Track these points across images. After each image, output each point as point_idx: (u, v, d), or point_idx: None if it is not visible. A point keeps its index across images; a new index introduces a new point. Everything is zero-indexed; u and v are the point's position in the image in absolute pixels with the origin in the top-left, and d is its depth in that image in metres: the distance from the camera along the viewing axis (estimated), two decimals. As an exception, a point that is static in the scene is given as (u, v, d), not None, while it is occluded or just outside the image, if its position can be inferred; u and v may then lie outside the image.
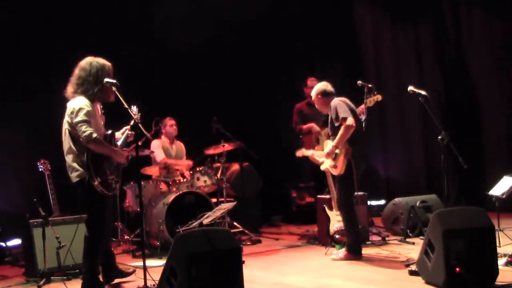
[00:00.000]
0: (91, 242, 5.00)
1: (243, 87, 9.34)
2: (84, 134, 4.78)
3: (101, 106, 5.14)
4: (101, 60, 5.06)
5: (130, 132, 5.21)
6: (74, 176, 4.95)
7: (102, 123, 5.13)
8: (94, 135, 4.79)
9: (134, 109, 5.09)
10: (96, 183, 4.81)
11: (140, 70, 8.09)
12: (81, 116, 4.83)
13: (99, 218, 5.00)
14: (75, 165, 4.94)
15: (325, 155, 6.04)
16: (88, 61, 5.05)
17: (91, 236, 5.00)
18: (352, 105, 6.07)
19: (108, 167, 4.95)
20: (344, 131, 5.80)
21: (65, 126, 5.00)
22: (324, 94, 6.18)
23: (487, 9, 8.72)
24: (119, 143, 5.16)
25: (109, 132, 5.08)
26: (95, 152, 4.86)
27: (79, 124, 4.82)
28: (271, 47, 9.66)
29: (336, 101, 6.03)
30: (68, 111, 4.97)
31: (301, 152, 6.72)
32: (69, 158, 5.00)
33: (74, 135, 4.92)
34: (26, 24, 7.61)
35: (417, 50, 9.43)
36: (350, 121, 5.77)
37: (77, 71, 5.06)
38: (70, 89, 5.04)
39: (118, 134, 5.16)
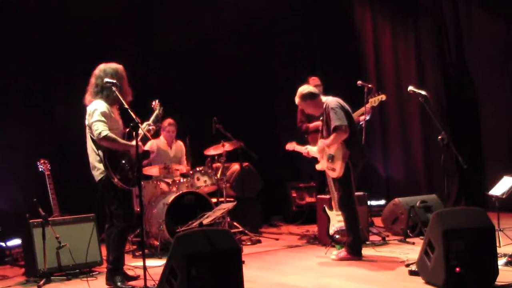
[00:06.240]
0: (119, 233, 5.20)
1: (243, 87, 9.34)
2: (96, 132, 4.99)
3: (118, 107, 5.28)
4: (113, 65, 5.25)
5: (152, 127, 5.38)
6: (96, 175, 5.20)
7: (121, 122, 5.28)
8: (105, 132, 4.98)
9: (153, 103, 5.59)
10: (115, 180, 5.05)
11: (139, 70, 8.10)
12: (95, 117, 5.04)
13: (126, 210, 5.21)
14: (96, 164, 5.17)
15: (318, 151, 6.06)
16: (101, 68, 5.22)
17: (119, 228, 5.19)
18: (346, 106, 6.04)
19: (126, 162, 5.14)
20: (336, 135, 5.81)
21: (87, 129, 5.20)
22: (312, 97, 6.07)
23: (487, 9, 8.72)
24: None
25: (127, 129, 5.19)
26: (111, 150, 5.07)
27: (93, 124, 5.03)
28: (271, 47, 9.66)
29: (330, 104, 5.94)
30: (86, 115, 5.17)
31: (292, 146, 6.67)
32: (91, 158, 5.23)
33: (92, 137, 5.13)
34: (25, 24, 7.60)
35: (417, 50, 9.42)
36: (344, 128, 5.77)
37: (93, 80, 5.24)
38: (88, 97, 5.24)
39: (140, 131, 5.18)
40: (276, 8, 9.58)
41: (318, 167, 6.29)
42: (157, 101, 5.62)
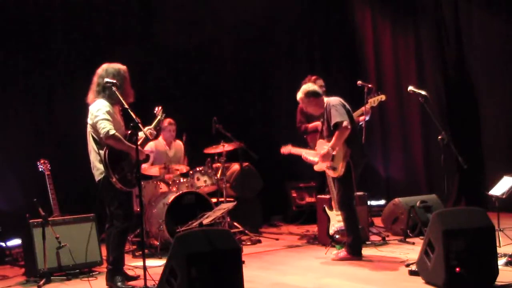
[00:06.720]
0: (119, 233, 5.19)
1: (243, 87, 9.35)
2: (103, 131, 4.98)
3: (120, 109, 5.27)
4: (117, 65, 5.25)
5: (151, 131, 5.36)
6: (97, 174, 5.19)
7: (123, 124, 5.27)
8: (113, 131, 4.99)
9: (156, 109, 5.58)
10: (114, 179, 5.03)
11: (140, 70, 8.09)
12: (100, 115, 5.04)
13: (125, 210, 5.20)
14: (97, 164, 5.16)
15: (321, 158, 5.99)
16: (104, 68, 5.23)
17: (118, 228, 5.18)
18: (348, 106, 6.03)
19: (126, 164, 5.12)
20: (339, 133, 5.79)
21: (88, 129, 5.20)
22: (316, 95, 6.08)
23: (487, 9, 8.72)
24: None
25: (129, 131, 5.18)
26: (113, 150, 5.05)
27: (99, 122, 5.02)
28: (271, 47, 9.66)
29: (331, 102, 5.96)
30: (89, 114, 5.17)
31: (288, 149, 6.65)
32: (92, 158, 5.22)
33: (95, 136, 5.13)
34: (26, 24, 7.61)
35: (417, 50, 9.42)
36: (346, 123, 5.76)
37: (95, 79, 5.24)
38: (91, 96, 5.25)
39: (141, 134, 5.20)
40: (276, 8, 9.58)
41: (316, 168, 6.28)
42: (160, 107, 5.62)
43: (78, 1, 8.01)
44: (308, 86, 6.20)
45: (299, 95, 6.15)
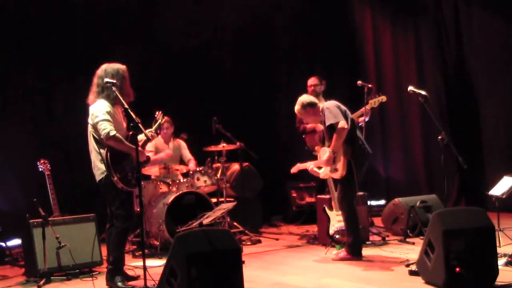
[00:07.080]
0: (119, 233, 5.20)
1: (244, 87, 9.34)
2: (104, 132, 4.99)
3: (122, 109, 5.26)
4: (116, 65, 5.25)
5: (152, 134, 5.37)
6: (97, 174, 5.19)
7: (125, 125, 5.28)
8: (113, 132, 5.00)
9: (157, 113, 5.61)
10: (115, 178, 5.04)
11: (140, 70, 8.09)
12: (100, 116, 5.05)
13: (126, 210, 5.20)
14: (98, 164, 5.17)
15: (325, 163, 6.01)
16: (103, 68, 5.24)
17: (119, 228, 5.18)
18: (342, 106, 6.03)
19: (127, 164, 5.13)
20: (337, 135, 5.80)
21: (89, 129, 5.20)
22: (313, 105, 6.11)
23: (487, 9, 8.72)
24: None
25: (131, 133, 5.18)
26: (114, 150, 5.06)
27: (99, 123, 5.03)
28: (271, 47, 9.66)
29: (325, 105, 5.99)
30: (90, 114, 5.17)
31: (296, 167, 6.66)
32: (93, 158, 5.22)
33: (96, 136, 5.14)
34: (26, 24, 7.61)
35: (417, 50, 9.42)
36: (341, 124, 5.76)
37: (95, 80, 5.26)
38: (91, 97, 5.26)
39: (141, 136, 5.21)
40: (276, 8, 9.58)
41: (322, 175, 6.27)
42: (160, 112, 5.65)
43: (78, 1, 8.01)
44: (303, 97, 6.23)
45: (296, 107, 6.19)
